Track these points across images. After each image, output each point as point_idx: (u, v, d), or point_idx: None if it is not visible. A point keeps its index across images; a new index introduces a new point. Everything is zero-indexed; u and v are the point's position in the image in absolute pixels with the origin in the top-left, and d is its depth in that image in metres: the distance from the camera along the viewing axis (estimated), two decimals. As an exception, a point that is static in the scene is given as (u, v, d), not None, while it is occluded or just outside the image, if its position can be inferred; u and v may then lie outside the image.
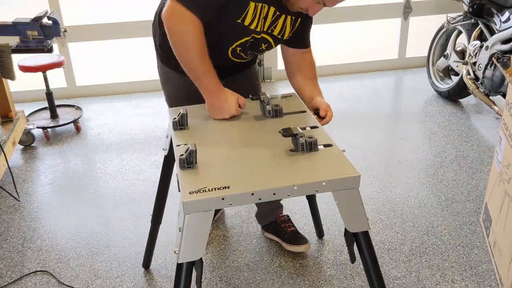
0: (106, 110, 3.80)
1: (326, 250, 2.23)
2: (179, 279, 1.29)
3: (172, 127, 1.55)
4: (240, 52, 1.72)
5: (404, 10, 4.25)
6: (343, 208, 1.32)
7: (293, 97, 1.78)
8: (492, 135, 3.22)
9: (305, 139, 1.37)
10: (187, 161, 1.30)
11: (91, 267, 2.17)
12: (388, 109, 3.67)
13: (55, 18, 2.98)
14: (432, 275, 2.07)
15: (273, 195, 1.23)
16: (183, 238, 1.23)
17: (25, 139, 3.20)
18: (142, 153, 3.12)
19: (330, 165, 1.32)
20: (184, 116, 1.55)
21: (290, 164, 1.32)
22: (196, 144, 1.34)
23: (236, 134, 1.52)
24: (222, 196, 1.20)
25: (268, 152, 1.39)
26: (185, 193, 1.20)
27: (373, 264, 1.41)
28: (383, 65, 4.46)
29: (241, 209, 2.53)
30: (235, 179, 1.26)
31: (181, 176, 1.28)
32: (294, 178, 1.25)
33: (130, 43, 4.46)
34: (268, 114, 1.61)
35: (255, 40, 1.67)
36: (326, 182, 1.25)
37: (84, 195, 2.70)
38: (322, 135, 1.48)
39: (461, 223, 2.39)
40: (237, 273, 2.12)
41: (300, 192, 1.25)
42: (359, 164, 2.91)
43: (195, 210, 1.20)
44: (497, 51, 3.00)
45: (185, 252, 1.25)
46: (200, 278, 1.31)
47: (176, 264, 1.30)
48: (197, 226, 1.22)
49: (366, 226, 1.36)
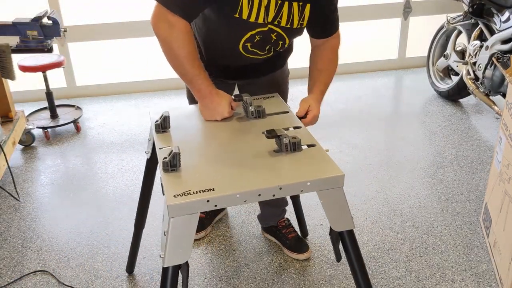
0: (106, 110, 3.80)
1: (326, 250, 2.23)
2: (165, 283, 1.28)
3: (154, 130, 1.54)
4: (252, 48, 1.66)
5: (404, 10, 4.25)
6: (328, 207, 1.32)
7: (275, 97, 1.77)
8: (492, 135, 3.22)
9: (288, 139, 1.37)
10: (170, 164, 1.29)
11: (91, 267, 2.17)
12: (388, 109, 3.67)
13: (55, 18, 2.98)
14: (432, 275, 2.07)
15: (258, 196, 1.23)
16: (168, 241, 1.22)
17: (25, 139, 3.20)
18: (142, 153, 3.12)
19: (314, 165, 1.32)
20: (167, 118, 1.53)
21: (275, 164, 1.32)
22: (180, 146, 1.34)
23: (219, 136, 1.52)
24: (207, 198, 1.19)
25: (252, 153, 1.39)
26: (170, 196, 1.19)
27: (358, 263, 1.41)
28: (383, 65, 4.46)
29: (241, 209, 2.53)
30: (220, 181, 1.26)
31: (165, 179, 1.27)
32: (278, 179, 1.25)
33: (130, 43, 4.46)
34: (251, 115, 1.60)
35: (263, 33, 1.61)
36: (311, 182, 1.26)
37: (84, 195, 2.70)
38: (306, 135, 1.48)
39: (461, 223, 2.39)
40: (237, 273, 2.12)
41: (285, 193, 1.25)
42: (359, 164, 2.91)
43: (180, 213, 1.19)
44: (497, 51, 3.00)
45: (171, 256, 1.25)
46: (186, 281, 1.30)
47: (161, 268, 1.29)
48: (182, 229, 1.21)
49: (351, 225, 1.37)
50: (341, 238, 1.39)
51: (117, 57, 5.49)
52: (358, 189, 2.67)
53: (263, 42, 1.65)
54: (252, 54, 1.70)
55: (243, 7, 1.52)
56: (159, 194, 2.66)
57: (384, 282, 2.04)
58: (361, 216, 2.45)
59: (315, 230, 2.36)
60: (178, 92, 4.09)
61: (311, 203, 2.54)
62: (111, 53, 5.56)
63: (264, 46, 1.68)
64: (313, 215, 2.46)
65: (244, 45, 1.65)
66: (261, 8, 1.53)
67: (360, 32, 5.89)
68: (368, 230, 2.36)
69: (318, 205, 2.54)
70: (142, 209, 1.95)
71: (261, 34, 1.62)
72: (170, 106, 1.76)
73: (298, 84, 4.19)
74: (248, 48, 1.66)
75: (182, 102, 3.88)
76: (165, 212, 1.23)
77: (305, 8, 1.59)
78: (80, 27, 3.92)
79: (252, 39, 1.62)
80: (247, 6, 1.51)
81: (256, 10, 1.53)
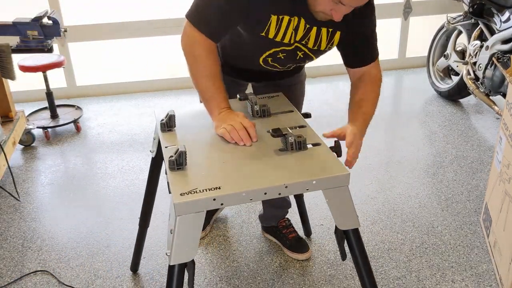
0: (106, 110, 3.80)
1: (326, 250, 2.23)
2: (171, 281, 1.28)
3: (160, 129, 1.54)
4: (273, 62, 1.63)
5: (404, 10, 4.25)
6: (333, 206, 1.32)
7: (280, 96, 1.77)
8: (492, 135, 3.22)
9: (294, 138, 1.37)
10: (177, 163, 1.29)
11: (91, 267, 2.17)
12: (388, 109, 3.67)
13: (55, 18, 2.98)
14: (432, 275, 2.07)
15: (264, 194, 1.23)
16: (175, 240, 1.22)
17: (25, 139, 3.20)
18: (142, 153, 3.12)
19: (319, 164, 1.32)
20: (172, 117, 1.53)
21: (280, 163, 1.33)
22: (185, 145, 1.34)
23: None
24: (213, 196, 1.19)
25: (258, 152, 1.39)
26: (176, 195, 1.20)
27: (363, 261, 1.41)
28: (383, 65, 4.40)
29: (241, 209, 2.53)
30: (226, 179, 1.26)
31: (171, 177, 1.27)
32: (284, 178, 1.26)
33: (130, 43, 4.46)
34: (256, 114, 1.60)
35: (287, 51, 1.57)
36: (316, 181, 1.26)
37: (84, 195, 2.70)
38: (311, 134, 1.49)
39: (461, 223, 2.39)
40: (237, 273, 2.12)
41: (290, 191, 1.25)
42: (359, 164, 2.91)
43: (187, 211, 1.20)
44: (497, 51, 3.00)
45: (177, 254, 1.25)
46: (192, 279, 1.30)
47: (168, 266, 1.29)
48: (189, 227, 1.22)
49: (356, 223, 1.37)
50: (346, 236, 1.39)
51: (117, 57, 5.49)
52: (358, 189, 2.67)
53: (286, 59, 1.61)
54: (271, 67, 1.67)
55: (271, 28, 1.49)
56: (160, 193, 2.66)
57: (384, 282, 2.04)
58: (361, 216, 2.45)
59: (315, 230, 2.36)
60: (178, 92, 4.09)
61: (311, 203, 2.54)
62: (111, 53, 5.56)
63: (286, 63, 1.64)
64: (313, 215, 2.46)
65: (265, 59, 1.62)
66: (289, 29, 1.50)
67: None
68: (368, 230, 2.36)
69: (318, 205, 2.54)
70: (147, 207, 1.95)
71: (285, 52, 1.58)
72: (172, 106, 1.76)
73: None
74: (269, 62, 1.63)
75: (182, 102, 3.89)
76: (172, 210, 1.23)
77: (334, 34, 1.54)
78: (80, 27, 3.92)
79: (274, 55, 1.60)
80: (275, 27, 1.49)
81: (283, 30, 1.50)
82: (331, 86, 4.12)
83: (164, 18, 3.98)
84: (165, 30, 4.00)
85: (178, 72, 4.29)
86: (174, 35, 4.03)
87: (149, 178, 1.86)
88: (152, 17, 4.04)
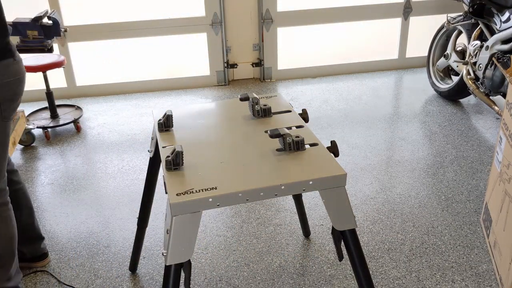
0: (106, 110, 3.80)
1: (326, 250, 2.23)
2: (167, 281, 1.28)
3: (157, 129, 1.54)
4: None
5: (404, 10, 4.25)
6: (330, 206, 1.32)
7: (278, 96, 1.78)
8: (492, 135, 3.22)
9: (292, 138, 1.37)
10: (173, 163, 1.30)
11: (91, 267, 2.17)
12: (388, 109, 3.67)
13: (55, 18, 2.98)
14: (432, 275, 2.07)
15: (260, 195, 1.23)
16: (171, 240, 1.22)
17: (25, 139, 3.20)
18: (142, 153, 3.12)
19: (316, 164, 1.32)
20: (170, 117, 1.54)
21: (277, 163, 1.33)
22: (182, 145, 1.34)
23: (222, 134, 1.52)
24: (210, 197, 1.20)
25: (255, 151, 1.39)
26: (172, 195, 1.20)
27: (360, 262, 1.42)
28: (383, 65, 4.46)
29: (241, 209, 2.53)
30: (222, 179, 1.26)
31: (167, 177, 1.27)
32: (281, 178, 1.26)
33: (130, 43, 4.46)
34: (257, 114, 1.61)
35: None
36: (313, 181, 1.26)
37: (84, 195, 2.70)
38: (308, 134, 1.49)
39: (461, 223, 2.39)
40: (237, 273, 2.12)
41: (287, 192, 1.25)
42: (359, 164, 2.91)
43: (183, 211, 1.20)
44: (497, 51, 3.00)
45: (173, 254, 1.25)
46: (188, 280, 1.30)
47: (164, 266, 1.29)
48: (185, 227, 1.22)
49: (353, 224, 1.37)
50: (343, 237, 1.39)
51: (117, 57, 5.49)
52: (358, 189, 2.67)
53: None
54: None
55: None
56: (158, 193, 2.66)
57: (384, 282, 2.04)
58: (361, 216, 2.45)
59: (315, 230, 2.36)
60: (178, 92, 4.09)
61: (311, 203, 2.54)
62: (111, 53, 5.55)
63: None
64: (313, 215, 2.46)
65: None
66: None
67: (360, 32, 5.88)
68: (368, 230, 2.36)
69: (318, 205, 2.54)
70: (146, 207, 1.95)
71: None
72: (171, 106, 1.75)
73: (298, 84, 4.20)
74: None
75: (182, 102, 3.88)
76: (168, 210, 1.23)
77: None
78: (80, 27, 3.92)
79: None
80: None
81: None
82: (331, 86, 4.12)
83: (164, 18, 3.98)
84: (165, 30, 4.00)
85: (178, 72, 4.29)
86: (174, 35, 4.03)
87: (148, 178, 1.86)
88: (152, 17, 4.04)
